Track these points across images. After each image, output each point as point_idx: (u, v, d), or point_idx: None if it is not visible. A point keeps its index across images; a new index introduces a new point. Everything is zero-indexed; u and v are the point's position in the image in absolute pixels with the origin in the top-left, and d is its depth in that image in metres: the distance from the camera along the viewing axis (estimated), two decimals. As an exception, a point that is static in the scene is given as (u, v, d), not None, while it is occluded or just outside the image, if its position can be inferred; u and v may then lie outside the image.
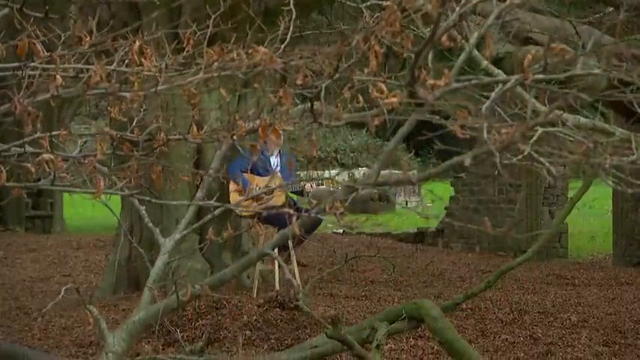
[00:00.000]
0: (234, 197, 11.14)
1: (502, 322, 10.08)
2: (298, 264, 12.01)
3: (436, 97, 2.81)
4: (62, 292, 4.60)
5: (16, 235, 20.02)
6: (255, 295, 10.87)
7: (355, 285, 12.92)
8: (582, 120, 3.70)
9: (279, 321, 9.37)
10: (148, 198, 3.70)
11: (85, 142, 3.42)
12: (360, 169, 32.33)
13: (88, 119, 38.99)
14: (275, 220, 11.66)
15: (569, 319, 10.38)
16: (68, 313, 10.65)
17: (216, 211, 4.50)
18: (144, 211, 4.78)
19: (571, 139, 3.30)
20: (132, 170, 3.30)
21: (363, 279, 13.59)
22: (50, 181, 3.05)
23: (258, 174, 11.58)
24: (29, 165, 2.91)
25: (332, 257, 15.57)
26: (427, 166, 41.32)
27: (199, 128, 3.27)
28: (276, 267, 11.49)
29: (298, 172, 24.55)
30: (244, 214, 11.59)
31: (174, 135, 3.34)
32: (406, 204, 28.07)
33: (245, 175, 11.39)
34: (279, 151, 11.86)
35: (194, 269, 11.33)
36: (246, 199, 5.15)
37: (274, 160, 11.90)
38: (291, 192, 12.06)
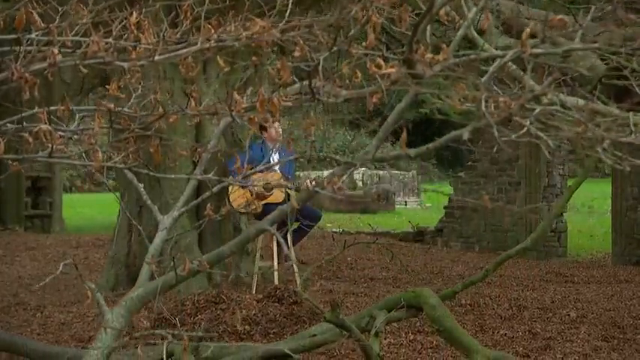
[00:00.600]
0: (234, 194, 11.12)
1: (501, 318, 10.10)
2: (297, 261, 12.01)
3: (435, 72, 2.81)
4: (60, 268, 4.59)
5: (15, 234, 20.03)
6: (254, 292, 10.87)
7: (354, 282, 12.95)
8: (581, 101, 3.70)
9: (278, 316, 9.36)
10: (145, 171, 3.69)
11: (82, 118, 3.42)
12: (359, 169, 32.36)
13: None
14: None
15: (568, 314, 10.38)
16: (67, 309, 10.66)
17: (215, 188, 4.49)
18: (142, 189, 4.77)
19: (569, 118, 3.30)
20: (129, 143, 3.29)
21: (362, 276, 13.63)
22: (48, 153, 3.05)
23: (258, 171, 11.56)
24: (27, 135, 2.91)
25: (331, 255, 15.56)
26: (427, 168, 41.50)
27: (197, 104, 3.27)
28: (275, 263, 11.50)
29: (298, 173, 24.59)
30: (243, 210, 11.64)
31: (173, 109, 3.33)
32: (405, 204, 28.06)
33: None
34: (279, 148, 11.86)
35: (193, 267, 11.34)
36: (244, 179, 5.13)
37: (274, 157, 11.90)
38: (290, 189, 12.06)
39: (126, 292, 11.38)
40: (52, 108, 3.11)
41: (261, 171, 11.31)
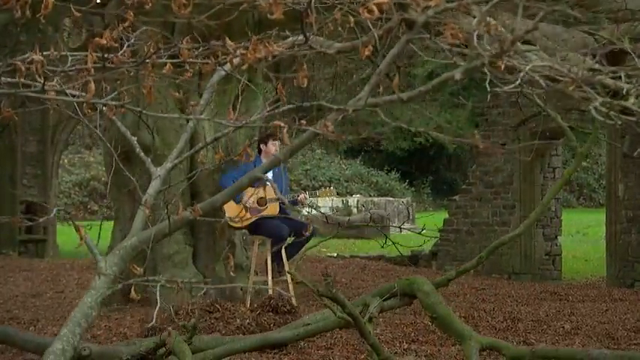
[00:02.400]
0: (229, 208, 11.10)
1: (495, 329, 10.11)
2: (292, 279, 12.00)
3: (428, 17, 2.83)
4: (54, 212, 4.59)
5: (9, 258, 20.00)
6: (248, 306, 10.85)
7: (349, 299, 12.90)
8: (575, 69, 3.71)
9: (272, 325, 9.34)
10: (139, 109, 3.69)
11: (78, 60, 3.43)
12: (353, 196, 32.49)
13: (83, 149, 39.10)
14: (266, 230, 11.73)
15: (563, 327, 10.38)
16: (61, 323, 10.61)
17: (209, 139, 4.49)
18: (135, 142, 4.77)
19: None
20: (122, 77, 3.31)
21: (356, 294, 13.60)
22: (41, 87, 3.05)
23: (252, 185, 11.57)
24: (19, 63, 2.92)
25: (325, 274, 15.58)
26: (421, 197, 41.60)
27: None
28: (270, 277, 11.50)
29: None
30: (236, 225, 11.64)
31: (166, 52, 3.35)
32: (400, 230, 27.98)
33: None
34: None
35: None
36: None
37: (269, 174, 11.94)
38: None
39: (119, 307, 11.43)
40: (45, 53, 3.13)
41: (254, 185, 11.36)
